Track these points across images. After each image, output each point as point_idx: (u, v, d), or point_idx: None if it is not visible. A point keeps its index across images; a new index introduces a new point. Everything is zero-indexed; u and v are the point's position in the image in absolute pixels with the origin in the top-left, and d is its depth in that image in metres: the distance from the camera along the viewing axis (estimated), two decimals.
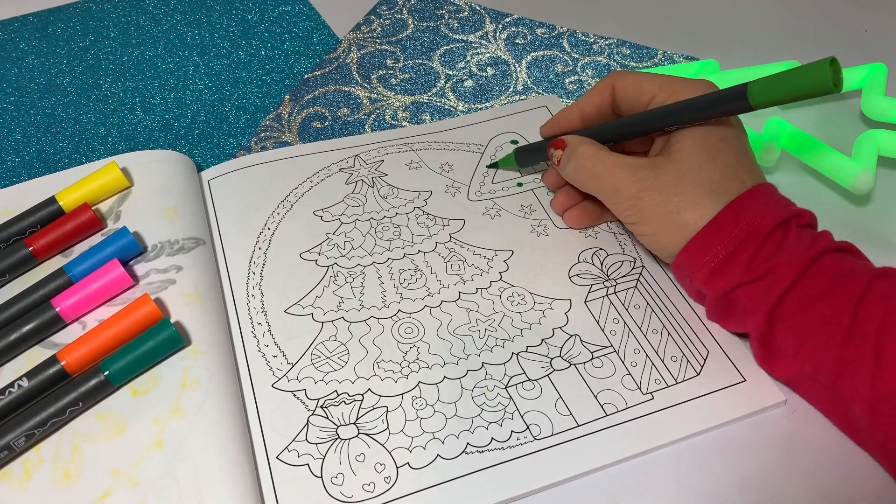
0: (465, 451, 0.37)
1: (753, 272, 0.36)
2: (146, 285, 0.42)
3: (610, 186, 0.40)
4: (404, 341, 0.41)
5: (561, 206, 0.47)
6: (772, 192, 0.39)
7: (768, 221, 0.37)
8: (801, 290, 0.36)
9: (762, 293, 0.36)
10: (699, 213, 0.38)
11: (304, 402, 0.39)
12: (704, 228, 0.38)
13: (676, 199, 0.38)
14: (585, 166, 0.41)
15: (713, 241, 0.37)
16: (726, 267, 0.37)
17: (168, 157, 0.49)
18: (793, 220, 0.37)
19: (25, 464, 0.36)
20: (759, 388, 0.39)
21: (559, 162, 0.43)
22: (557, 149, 0.43)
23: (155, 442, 0.36)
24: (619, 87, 0.43)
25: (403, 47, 0.61)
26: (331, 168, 0.50)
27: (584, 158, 0.41)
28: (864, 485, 0.36)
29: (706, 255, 0.38)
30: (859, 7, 0.63)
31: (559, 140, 0.43)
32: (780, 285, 0.36)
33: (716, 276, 0.38)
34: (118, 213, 0.46)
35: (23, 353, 0.40)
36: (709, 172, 0.38)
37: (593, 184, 0.41)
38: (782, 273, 0.36)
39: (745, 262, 0.37)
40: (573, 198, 0.46)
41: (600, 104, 0.44)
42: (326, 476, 0.36)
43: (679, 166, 0.38)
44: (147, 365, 0.38)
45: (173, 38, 0.62)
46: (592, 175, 0.41)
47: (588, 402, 0.39)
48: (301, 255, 0.45)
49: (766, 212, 0.37)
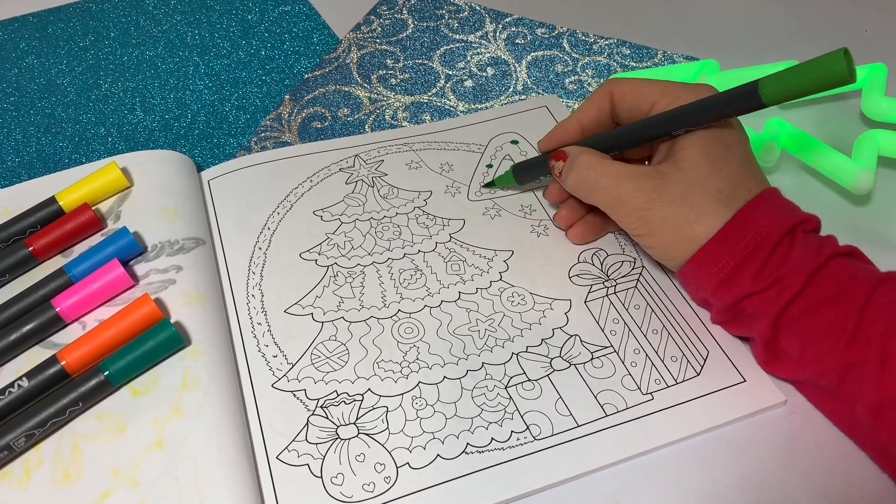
0: (465, 451, 0.37)
1: (762, 283, 0.36)
2: (146, 285, 0.42)
3: (615, 198, 0.39)
4: (404, 341, 0.41)
5: (565, 222, 0.46)
6: (777, 197, 0.38)
7: (775, 231, 0.36)
8: (808, 296, 0.36)
9: (770, 301, 0.36)
10: (709, 225, 0.37)
11: (303, 402, 0.39)
12: (712, 240, 0.37)
13: (685, 210, 0.38)
14: (588, 177, 0.40)
15: (721, 252, 0.37)
16: (734, 278, 0.37)
17: (168, 157, 0.49)
18: (798, 227, 0.37)
19: (25, 464, 0.36)
20: (759, 389, 0.39)
21: (560, 173, 0.42)
22: (558, 160, 0.42)
23: (155, 442, 0.36)
24: (618, 94, 0.42)
25: (403, 47, 0.61)
26: (331, 168, 0.50)
27: (586, 169, 0.40)
28: (864, 485, 0.36)
29: (714, 267, 0.37)
30: (859, 7, 0.64)
31: (560, 151, 0.42)
32: (788, 293, 0.36)
33: (724, 287, 0.37)
34: (118, 213, 0.46)
35: (23, 353, 0.40)
36: (716, 181, 0.37)
37: (597, 195, 0.40)
38: (790, 282, 0.36)
39: (754, 274, 0.36)
40: (577, 212, 0.45)
41: (599, 114, 0.43)
42: (326, 476, 0.36)
43: (686, 175, 0.38)
44: (147, 365, 0.38)
45: (173, 38, 0.62)
46: (596, 186, 0.40)
47: (588, 403, 0.39)
48: (301, 255, 0.45)
49: (773, 220, 0.37)
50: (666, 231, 0.38)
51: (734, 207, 0.37)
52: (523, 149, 0.52)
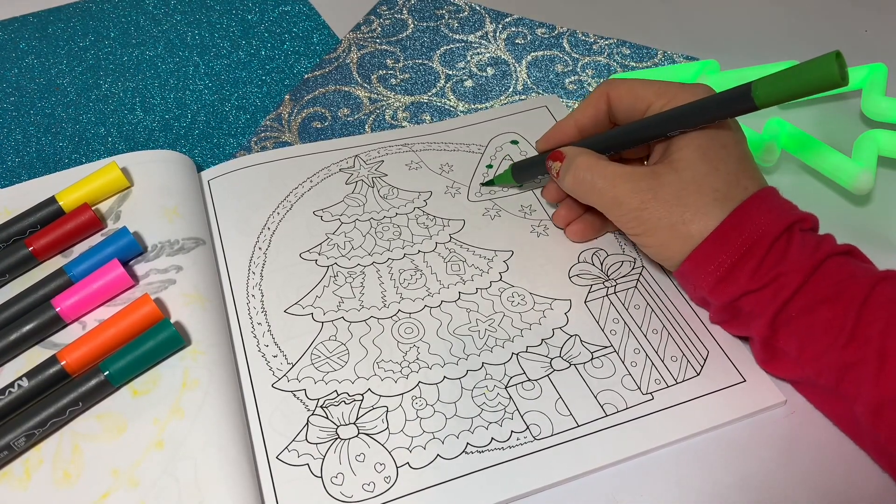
0: (465, 450, 0.37)
1: (759, 280, 0.36)
2: (146, 285, 0.42)
3: (611, 198, 0.39)
4: (404, 341, 0.41)
5: (563, 220, 0.46)
6: (774, 196, 0.38)
7: (772, 229, 0.36)
8: (806, 294, 0.36)
9: (768, 300, 0.36)
10: (704, 224, 0.37)
11: (303, 402, 0.39)
12: (708, 238, 0.37)
13: (680, 210, 0.38)
14: (585, 178, 0.40)
15: (718, 250, 0.37)
16: (731, 276, 0.37)
17: (168, 157, 0.49)
18: (796, 226, 0.37)
19: (25, 464, 0.36)
20: (759, 389, 0.39)
21: (558, 174, 0.42)
22: (556, 160, 0.42)
23: (155, 442, 0.36)
24: (615, 95, 0.42)
25: (403, 47, 0.61)
26: (331, 168, 0.50)
27: (583, 170, 0.40)
28: (864, 485, 0.36)
29: (711, 265, 0.37)
30: (859, 7, 0.64)
31: (557, 152, 0.42)
32: (785, 291, 0.36)
33: (721, 285, 0.37)
34: (118, 213, 0.46)
35: (23, 354, 0.40)
36: (712, 181, 0.38)
37: (594, 196, 0.40)
38: (787, 280, 0.36)
39: (751, 271, 0.36)
40: (575, 211, 0.45)
41: (596, 115, 0.43)
42: (326, 476, 0.36)
43: (681, 175, 0.38)
44: (147, 365, 0.38)
45: (173, 38, 0.62)
46: (592, 187, 0.40)
47: (588, 403, 0.39)
48: (301, 255, 0.45)
49: (770, 219, 0.37)
50: (661, 231, 0.38)
51: (730, 207, 0.37)
52: (523, 149, 0.52)
